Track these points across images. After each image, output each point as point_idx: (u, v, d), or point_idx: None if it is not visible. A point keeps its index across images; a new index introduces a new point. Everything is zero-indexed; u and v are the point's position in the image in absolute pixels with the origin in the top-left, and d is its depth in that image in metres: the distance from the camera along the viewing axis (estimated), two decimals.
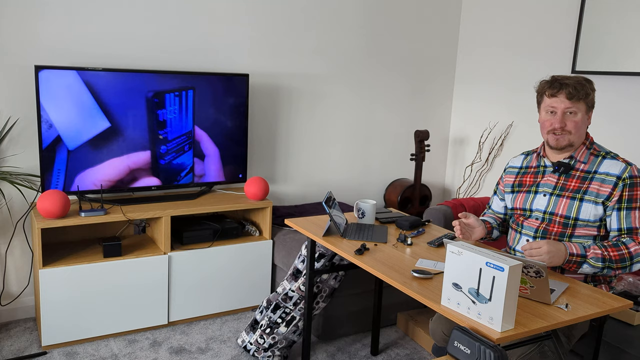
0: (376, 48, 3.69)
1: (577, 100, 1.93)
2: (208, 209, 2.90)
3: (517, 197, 2.13)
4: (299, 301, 2.55)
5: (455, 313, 1.57)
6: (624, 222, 1.92)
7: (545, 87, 1.99)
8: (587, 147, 2.02)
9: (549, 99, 1.98)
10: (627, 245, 1.88)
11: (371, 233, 2.27)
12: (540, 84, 2.03)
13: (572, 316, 1.59)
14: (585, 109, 1.96)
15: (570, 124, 1.95)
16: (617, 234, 1.93)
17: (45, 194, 2.53)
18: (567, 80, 1.95)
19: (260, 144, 3.43)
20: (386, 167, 3.94)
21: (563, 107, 1.94)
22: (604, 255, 1.86)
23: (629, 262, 1.87)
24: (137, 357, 2.61)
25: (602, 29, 3.02)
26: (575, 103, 1.93)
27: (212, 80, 2.96)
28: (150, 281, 2.79)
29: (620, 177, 1.92)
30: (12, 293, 2.90)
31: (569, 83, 1.93)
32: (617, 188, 1.92)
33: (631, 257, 1.87)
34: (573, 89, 1.92)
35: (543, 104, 2.01)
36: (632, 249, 1.87)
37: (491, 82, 3.77)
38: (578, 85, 1.93)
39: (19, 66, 2.72)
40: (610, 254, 1.86)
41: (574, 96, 1.92)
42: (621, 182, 1.92)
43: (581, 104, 1.94)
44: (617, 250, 1.87)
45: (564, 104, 1.94)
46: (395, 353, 2.78)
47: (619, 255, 1.86)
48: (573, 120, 1.95)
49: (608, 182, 1.93)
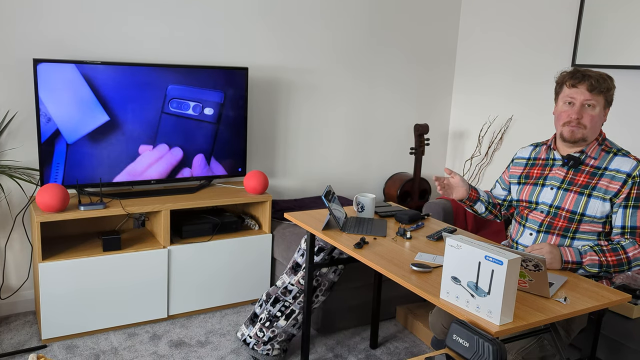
0: (376, 42, 3.68)
1: (597, 93, 1.90)
2: (207, 202, 2.90)
3: (523, 189, 2.11)
4: (298, 295, 2.56)
5: (454, 306, 1.58)
6: (628, 220, 1.90)
7: (566, 77, 1.97)
8: (599, 143, 1.99)
9: (568, 89, 1.95)
10: (625, 249, 1.86)
11: (370, 227, 2.27)
12: (562, 74, 2.00)
13: (571, 309, 1.60)
14: (603, 104, 1.93)
15: (587, 117, 1.92)
16: (621, 231, 1.91)
17: (44, 187, 2.53)
18: (590, 72, 1.92)
19: (260, 137, 3.42)
20: (386, 161, 3.94)
21: (582, 99, 1.92)
22: (601, 262, 1.84)
23: (627, 267, 1.86)
24: (136, 351, 2.62)
25: (603, 22, 3.01)
26: (596, 96, 1.91)
27: (212, 73, 2.95)
28: (150, 275, 2.79)
29: (631, 174, 1.90)
30: (11, 286, 2.90)
31: (592, 75, 1.91)
32: (626, 185, 1.90)
33: (629, 261, 1.86)
34: (595, 81, 1.90)
35: (562, 94, 1.98)
36: (631, 253, 1.86)
37: (491, 75, 3.76)
38: (600, 79, 1.91)
39: (17, 59, 2.71)
40: (608, 259, 1.85)
41: (596, 88, 1.90)
42: (630, 180, 1.90)
43: (601, 98, 1.92)
44: (615, 255, 1.85)
45: (583, 95, 1.91)
46: (394, 346, 2.79)
47: (617, 260, 1.85)
48: (590, 114, 1.92)
49: (618, 178, 1.91)
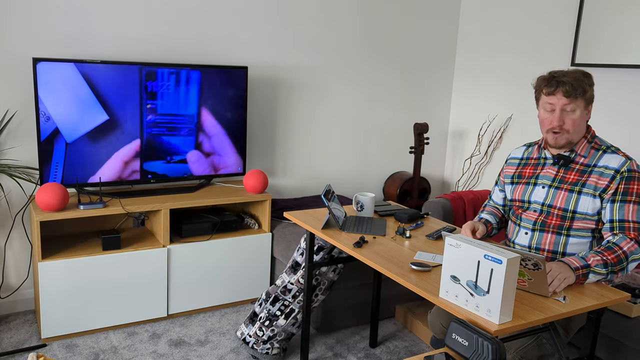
0: (376, 41, 3.67)
1: (574, 97, 1.90)
2: (207, 201, 2.90)
3: (516, 189, 2.13)
4: (297, 294, 2.56)
5: (454, 305, 1.58)
6: (616, 214, 1.90)
7: (542, 84, 1.96)
8: (588, 140, 2.00)
9: (546, 96, 1.95)
10: (619, 245, 1.86)
11: (370, 226, 2.27)
12: (537, 80, 1.99)
13: (570, 308, 1.60)
14: (584, 105, 1.93)
15: (568, 122, 1.93)
16: (609, 225, 1.91)
17: (43, 186, 2.53)
18: (564, 78, 1.90)
19: (260, 136, 3.42)
20: (385, 160, 3.94)
21: (561, 105, 1.92)
22: (605, 260, 1.82)
23: (626, 262, 1.85)
24: (136, 350, 2.62)
25: (602, 22, 3.01)
26: (573, 100, 1.90)
27: (211, 72, 2.95)
28: (150, 274, 2.79)
29: (619, 170, 1.91)
30: (11, 285, 2.90)
31: (566, 81, 1.89)
32: (614, 181, 1.91)
33: (627, 256, 1.85)
34: (570, 87, 1.88)
35: (541, 101, 1.98)
36: (625, 247, 1.85)
37: (491, 74, 3.76)
38: (575, 82, 1.89)
39: (16, 58, 2.71)
40: (608, 257, 1.83)
41: (571, 94, 1.89)
42: (619, 175, 1.91)
43: (579, 101, 1.91)
44: (612, 252, 1.84)
45: (561, 101, 1.91)
46: (393, 345, 2.79)
47: (616, 258, 1.84)
48: (571, 118, 1.92)
49: (606, 175, 1.92)
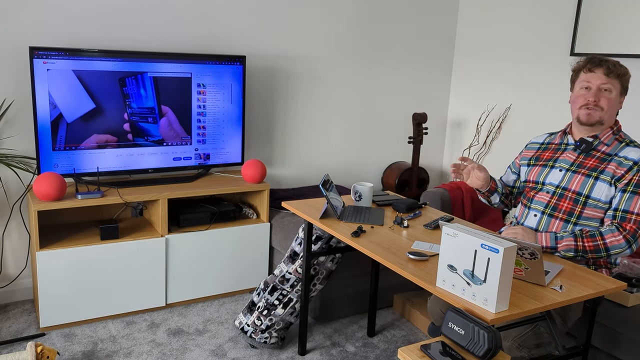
0: (375, 31, 3.66)
1: (614, 77, 1.98)
2: (205, 191, 2.90)
3: (532, 170, 2.17)
4: (296, 283, 2.56)
5: (450, 294, 1.58)
6: (623, 204, 1.94)
7: (583, 63, 2.04)
8: (613, 132, 2.05)
9: (585, 74, 2.02)
10: (604, 236, 1.91)
11: (368, 215, 2.27)
12: (578, 61, 2.08)
13: (566, 297, 1.60)
14: (620, 89, 2.00)
15: (604, 100, 1.99)
16: (613, 213, 1.96)
17: (41, 176, 2.53)
18: (606, 58, 2.01)
19: (258, 126, 3.41)
20: (384, 150, 3.93)
21: (599, 83, 1.99)
22: (577, 247, 1.91)
23: (605, 253, 1.92)
24: (135, 339, 2.63)
25: (602, 10, 3.00)
26: (612, 80, 1.98)
27: (209, 61, 2.94)
28: (148, 263, 2.80)
29: (637, 162, 1.96)
30: (9, 275, 2.91)
31: (608, 60, 2.00)
32: (630, 171, 1.95)
33: (606, 248, 1.91)
34: (612, 65, 1.98)
35: (578, 80, 2.05)
36: (608, 240, 1.91)
37: (489, 65, 3.74)
38: (617, 64, 2.00)
39: (13, 48, 2.69)
40: (585, 244, 1.91)
41: (612, 72, 1.97)
42: (636, 167, 1.95)
43: (617, 82, 1.99)
44: (592, 241, 1.91)
45: (600, 79, 1.98)
46: (391, 334, 2.81)
47: (594, 247, 1.91)
48: (607, 98, 1.99)
49: (624, 165, 1.96)
